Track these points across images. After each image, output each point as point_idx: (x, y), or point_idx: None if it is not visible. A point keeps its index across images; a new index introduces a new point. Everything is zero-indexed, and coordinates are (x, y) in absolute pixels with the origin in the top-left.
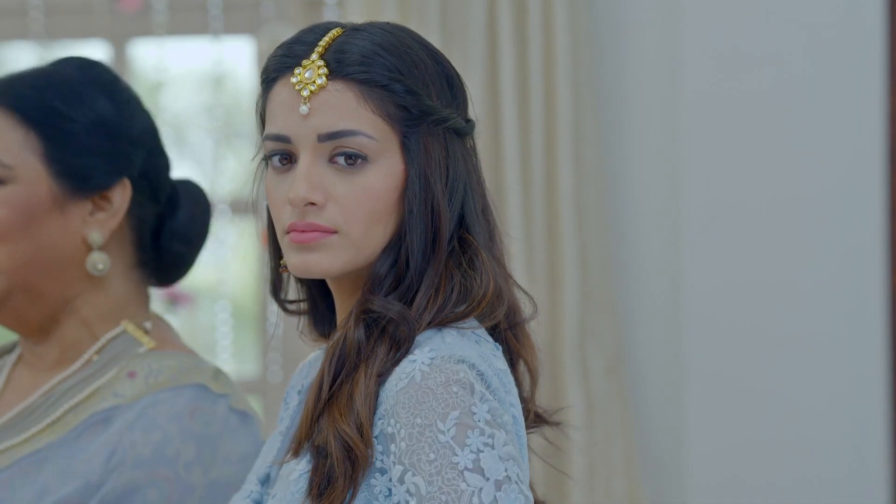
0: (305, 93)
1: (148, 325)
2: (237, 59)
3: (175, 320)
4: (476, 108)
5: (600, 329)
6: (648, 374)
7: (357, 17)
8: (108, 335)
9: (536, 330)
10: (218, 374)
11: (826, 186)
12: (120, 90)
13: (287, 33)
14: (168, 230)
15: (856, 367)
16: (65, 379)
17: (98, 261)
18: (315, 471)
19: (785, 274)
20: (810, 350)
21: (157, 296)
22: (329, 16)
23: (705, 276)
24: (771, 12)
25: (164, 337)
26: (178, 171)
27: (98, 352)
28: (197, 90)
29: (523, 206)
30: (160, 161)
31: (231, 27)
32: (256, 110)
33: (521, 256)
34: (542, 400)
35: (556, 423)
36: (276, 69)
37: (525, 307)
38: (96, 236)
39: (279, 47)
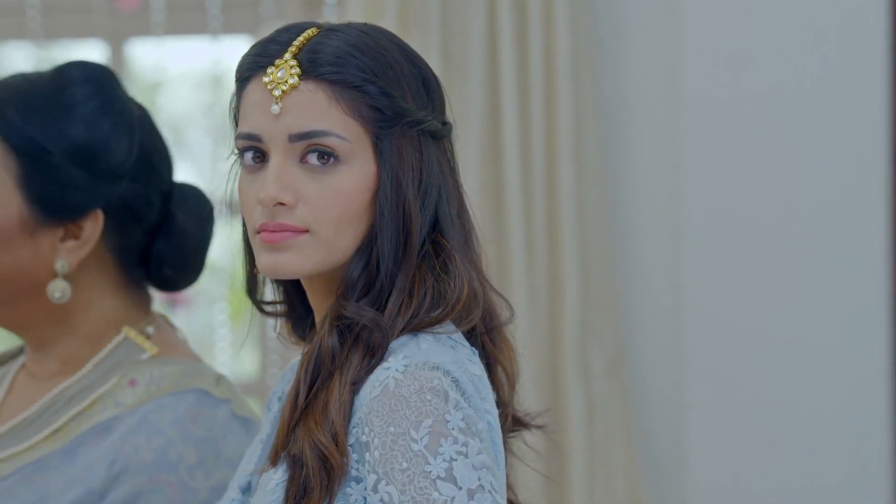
0: (277, 92)
1: (150, 329)
2: (236, 58)
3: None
4: (476, 109)
5: (601, 328)
6: (649, 374)
7: (357, 16)
8: (111, 344)
9: (535, 330)
10: (220, 379)
11: (828, 187)
12: (111, 114)
13: None
14: (156, 254)
15: (857, 368)
16: (67, 388)
17: (56, 289)
18: (291, 480)
19: (786, 274)
20: (811, 350)
21: (155, 297)
22: (328, 15)
23: (706, 275)
24: (773, 12)
25: (168, 342)
26: (176, 172)
27: (100, 361)
28: (196, 90)
29: (524, 205)
30: (148, 187)
31: (230, 26)
32: (230, 109)
33: (521, 256)
34: (542, 400)
35: (538, 427)
36: (249, 68)
37: (503, 311)
38: (62, 264)
39: (253, 46)
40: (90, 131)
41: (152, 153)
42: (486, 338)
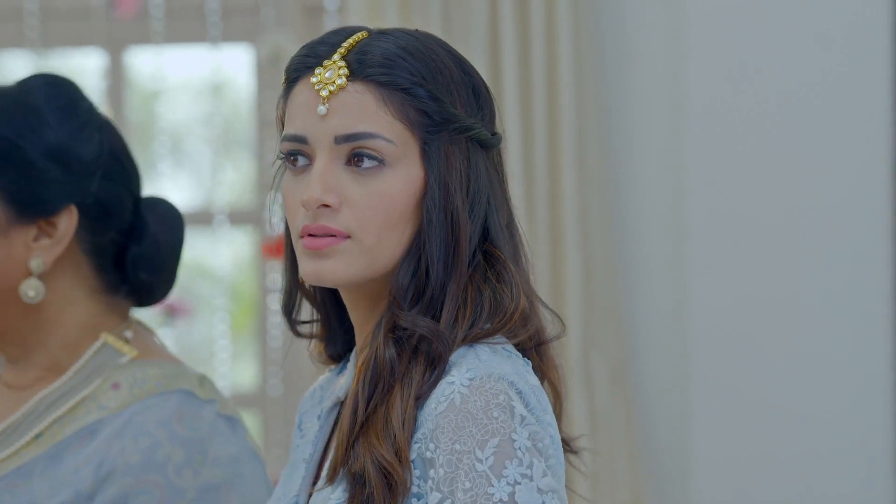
0: (324, 93)
1: (128, 334)
2: (236, 66)
3: (172, 333)
4: None
5: (604, 338)
6: (653, 384)
7: (357, 22)
8: (90, 351)
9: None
10: (203, 380)
11: (831, 195)
12: (77, 113)
13: (286, 41)
14: (131, 259)
15: (861, 377)
16: (48, 394)
17: (29, 288)
18: (353, 499)
19: (790, 283)
20: (815, 359)
21: (154, 308)
22: (329, 22)
23: (709, 284)
24: (776, 20)
25: (147, 345)
26: (175, 181)
27: (81, 367)
28: (195, 99)
29: (526, 212)
30: (120, 186)
31: (230, 34)
32: (277, 113)
33: None
34: None
35: (576, 452)
36: (297, 69)
37: (550, 326)
38: (37, 262)
39: (303, 47)
40: (60, 126)
41: (122, 155)
42: (534, 352)
